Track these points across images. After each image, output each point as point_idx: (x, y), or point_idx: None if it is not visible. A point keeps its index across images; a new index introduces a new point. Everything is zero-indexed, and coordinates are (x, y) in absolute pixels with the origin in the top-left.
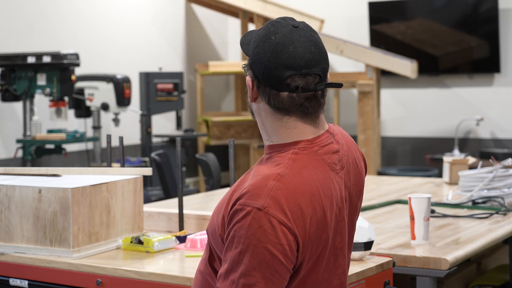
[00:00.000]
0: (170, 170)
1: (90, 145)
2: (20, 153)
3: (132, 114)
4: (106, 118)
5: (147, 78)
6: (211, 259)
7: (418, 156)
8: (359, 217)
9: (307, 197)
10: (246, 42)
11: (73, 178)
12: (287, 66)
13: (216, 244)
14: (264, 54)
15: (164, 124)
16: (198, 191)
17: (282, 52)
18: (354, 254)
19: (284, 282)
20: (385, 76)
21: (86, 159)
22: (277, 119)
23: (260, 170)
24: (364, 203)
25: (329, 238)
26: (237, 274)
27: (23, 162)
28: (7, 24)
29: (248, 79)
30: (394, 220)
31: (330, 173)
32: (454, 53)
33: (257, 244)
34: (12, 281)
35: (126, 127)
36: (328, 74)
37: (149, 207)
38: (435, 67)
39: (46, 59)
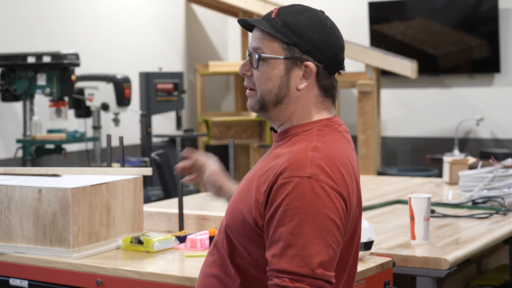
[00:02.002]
0: (170, 170)
1: (90, 145)
2: (20, 153)
3: (132, 114)
4: (106, 118)
5: (147, 78)
6: (234, 255)
7: (418, 156)
8: None
9: (344, 165)
10: (271, 27)
11: (73, 178)
12: (343, 48)
13: (245, 235)
14: (330, 40)
15: (164, 124)
16: (198, 191)
17: (339, 37)
18: None
19: (339, 249)
20: (385, 76)
21: (86, 159)
22: (319, 102)
23: (290, 149)
24: (364, 203)
25: (361, 211)
26: (299, 246)
27: (23, 162)
28: (7, 24)
29: (313, 67)
30: (394, 220)
31: (350, 148)
32: (454, 53)
33: (316, 211)
34: (12, 281)
35: (126, 127)
36: None
37: (149, 207)
38: (435, 67)
39: (46, 59)
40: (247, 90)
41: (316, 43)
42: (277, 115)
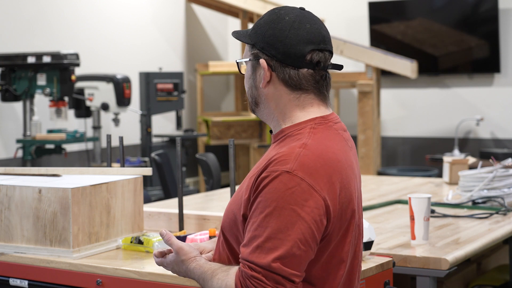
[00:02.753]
0: (170, 170)
1: (90, 145)
2: (20, 153)
3: (132, 114)
4: (106, 118)
5: (147, 78)
6: (237, 259)
7: (418, 156)
8: None
9: (333, 164)
10: (244, 34)
11: (73, 178)
12: (307, 41)
13: (239, 233)
14: (282, 33)
15: (164, 124)
16: (198, 191)
17: (301, 28)
18: None
19: (310, 250)
20: (385, 76)
21: (86, 159)
22: (294, 99)
23: (282, 148)
24: (364, 203)
25: (355, 210)
26: (262, 238)
27: (23, 162)
28: (7, 24)
29: (263, 62)
30: (394, 220)
31: (346, 147)
32: (454, 53)
33: (285, 206)
34: (12, 281)
35: (126, 127)
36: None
37: (149, 207)
38: (435, 67)
39: (46, 59)
40: None
41: (268, 39)
42: (262, 115)
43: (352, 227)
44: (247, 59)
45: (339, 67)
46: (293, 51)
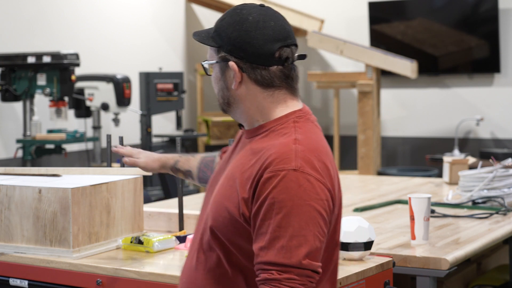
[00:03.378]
0: None
1: (90, 145)
2: (20, 153)
3: (132, 114)
4: (106, 118)
5: (147, 78)
6: (229, 255)
7: (418, 156)
8: (359, 217)
9: (325, 155)
10: (206, 36)
11: (73, 178)
12: (275, 39)
13: (235, 232)
14: (249, 34)
15: (164, 124)
16: (198, 191)
17: (266, 27)
18: (354, 254)
19: (325, 239)
20: (385, 76)
21: (86, 159)
22: (267, 96)
23: (271, 143)
24: (364, 203)
25: (341, 197)
26: (286, 238)
27: (23, 162)
28: (7, 24)
29: (233, 65)
30: (394, 220)
31: (323, 137)
32: (454, 53)
33: (302, 203)
34: (12, 281)
35: (126, 127)
36: None
37: (149, 207)
38: (435, 67)
39: (46, 59)
40: None
41: (234, 41)
42: (235, 115)
43: (341, 210)
44: (214, 62)
45: (303, 56)
46: (262, 51)
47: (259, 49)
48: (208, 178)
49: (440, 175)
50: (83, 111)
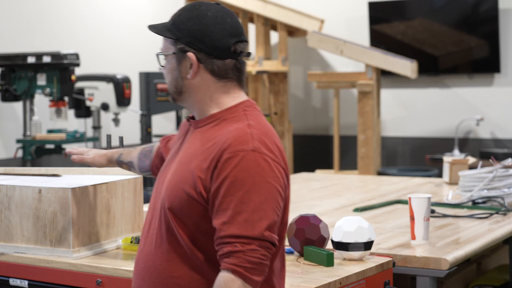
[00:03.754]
0: None
1: (90, 145)
2: (20, 153)
3: (132, 114)
4: (106, 118)
5: (147, 78)
6: (186, 234)
7: (418, 156)
8: (359, 217)
9: (275, 138)
10: (163, 29)
11: (73, 178)
12: (231, 34)
13: (191, 211)
14: (208, 28)
15: (164, 124)
16: None
17: (224, 23)
18: (354, 254)
19: (280, 214)
20: (385, 76)
21: None
22: (220, 86)
23: (225, 130)
24: (364, 203)
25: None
26: (248, 212)
27: (23, 162)
28: (7, 24)
29: (192, 56)
30: (394, 220)
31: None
32: (454, 53)
33: (261, 180)
34: (12, 281)
35: (126, 127)
36: None
37: None
38: (435, 67)
39: (46, 59)
40: None
41: (194, 34)
42: (185, 104)
43: (289, 196)
44: (171, 53)
45: (248, 54)
46: (220, 44)
47: (217, 42)
48: (146, 167)
49: (440, 175)
50: (83, 111)
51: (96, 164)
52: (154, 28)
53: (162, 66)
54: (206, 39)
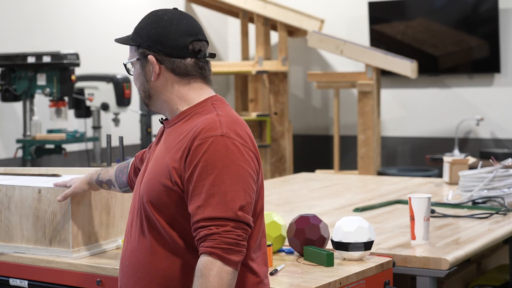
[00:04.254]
0: None
1: (90, 145)
2: (20, 153)
3: (132, 114)
4: (106, 118)
5: None
6: (168, 225)
7: (418, 156)
8: (359, 217)
9: (246, 127)
10: (126, 39)
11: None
12: (187, 33)
13: (169, 202)
14: (165, 30)
15: None
16: None
17: (180, 24)
18: (354, 254)
19: (254, 197)
20: (385, 76)
21: (86, 159)
22: (184, 84)
23: (195, 122)
24: (364, 203)
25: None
26: (221, 194)
27: (23, 162)
28: (7, 24)
29: (151, 58)
30: (394, 220)
31: None
32: (454, 53)
33: (231, 163)
34: (12, 281)
35: (126, 127)
36: None
37: None
38: (435, 67)
39: (46, 59)
40: None
41: (152, 37)
42: (156, 107)
43: (262, 178)
44: (135, 59)
45: (213, 55)
46: (176, 43)
47: (174, 42)
48: (123, 182)
49: (440, 175)
50: (83, 111)
51: (79, 192)
52: (119, 40)
53: (131, 75)
54: (163, 40)
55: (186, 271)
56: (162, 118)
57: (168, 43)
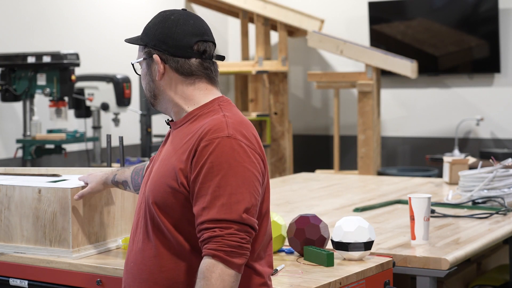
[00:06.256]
0: None
1: (90, 145)
2: (20, 153)
3: (132, 114)
4: (106, 118)
5: None
6: (175, 227)
7: (418, 156)
8: (359, 217)
9: (252, 129)
10: (136, 38)
11: (73, 178)
12: (193, 34)
13: (175, 203)
14: (170, 30)
15: (164, 124)
16: None
17: (186, 24)
18: (354, 254)
19: (260, 198)
20: (385, 76)
21: (86, 159)
22: (189, 84)
23: (202, 123)
24: (364, 203)
25: (268, 172)
26: (226, 196)
27: (23, 162)
28: (7, 24)
29: (156, 57)
30: (394, 220)
31: None
32: (454, 53)
33: (237, 164)
34: (12, 281)
35: (126, 127)
36: None
37: None
38: (435, 67)
39: (46, 59)
40: None
41: (158, 37)
42: (161, 107)
43: (268, 179)
44: (141, 59)
45: (222, 57)
46: (181, 43)
47: (178, 42)
48: (138, 184)
49: (440, 175)
50: (83, 111)
51: (96, 193)
52: (128, 40)
53: (138, 74)
54: (168, 40)
55: (191, 274)
56: (168, 119)
57: (172, 43)
